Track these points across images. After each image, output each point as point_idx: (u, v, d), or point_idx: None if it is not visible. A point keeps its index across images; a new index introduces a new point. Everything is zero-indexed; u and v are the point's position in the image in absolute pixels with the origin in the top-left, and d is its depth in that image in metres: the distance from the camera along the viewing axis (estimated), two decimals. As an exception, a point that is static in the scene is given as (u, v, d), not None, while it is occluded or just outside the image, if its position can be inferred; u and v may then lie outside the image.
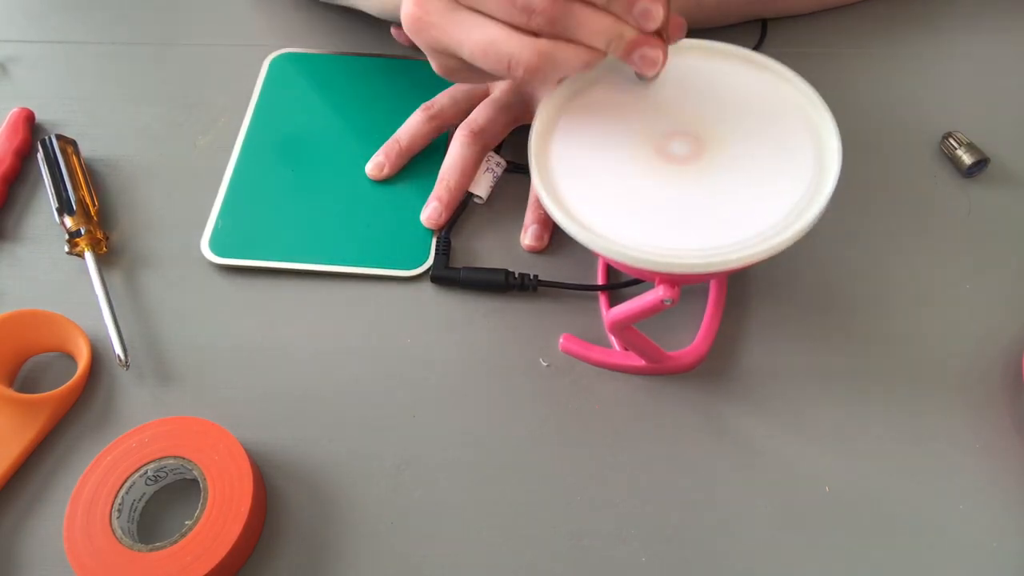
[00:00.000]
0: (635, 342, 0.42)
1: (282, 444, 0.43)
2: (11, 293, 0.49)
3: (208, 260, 0.49)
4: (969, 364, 0.45)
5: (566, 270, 0.49)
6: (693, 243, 0.36)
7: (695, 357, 0.45)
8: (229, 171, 0.53)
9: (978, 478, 0.41)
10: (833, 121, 0.38)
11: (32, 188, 0.53)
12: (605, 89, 0.41)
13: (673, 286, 0.37)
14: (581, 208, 0.37)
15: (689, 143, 0.39)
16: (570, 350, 0.45)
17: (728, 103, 0.40)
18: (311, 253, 0.49)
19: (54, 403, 0.43)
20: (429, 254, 0.49)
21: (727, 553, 0.40)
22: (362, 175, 0.52)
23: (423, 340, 0.46)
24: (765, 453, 0.42)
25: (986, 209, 0.50)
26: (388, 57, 0.59)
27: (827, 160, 0.38)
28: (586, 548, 0.40)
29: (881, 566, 0.39)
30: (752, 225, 0.36)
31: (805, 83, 0.40)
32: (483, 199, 0.51)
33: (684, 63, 0.42)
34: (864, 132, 0.54)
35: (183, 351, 0.46)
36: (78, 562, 0.37)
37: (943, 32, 0.59)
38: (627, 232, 0.36)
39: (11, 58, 0.60)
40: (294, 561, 0.40)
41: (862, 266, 0.48)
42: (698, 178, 0.38)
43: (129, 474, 0.40)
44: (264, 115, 0.56)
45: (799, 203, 0.36)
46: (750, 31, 0.59)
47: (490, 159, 0.51)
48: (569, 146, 0.40)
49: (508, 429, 0.43)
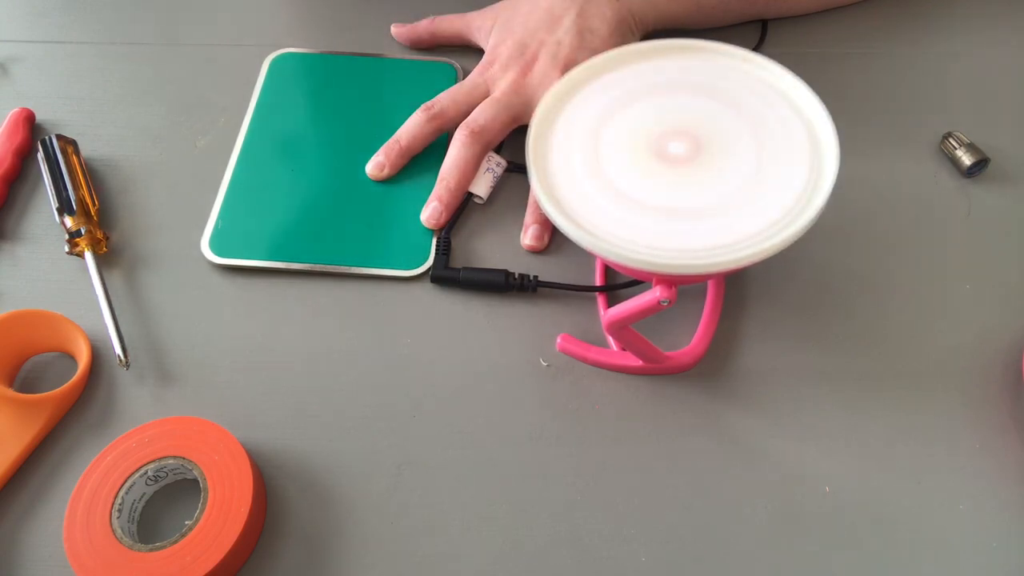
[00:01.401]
0: (633, 342, 0.42)
1: (282, 444, 0.43)
2: (11, 293, 0.49)
3: (208, 260, 0.49)
4: (969, 364, 0.45)
5: (566, 270, 0.49)
6: (690, 244, 0.36)
7: (693, 357, 0.45)
8: (229, 171, 0.53)
9: (978, 478, 0.41)
10: (831, 122, 0.38)
11: (32, 188, 0.53)
12: (603, 90, 0.42)
13: (670, 287, 0.37)
14: (579, 209, 0.37)
15: (687, 144, 0.39)
16: (568, 350, 0.45)
17: (726, 104, 0.40)
18: (311, 253, 0.49)
19: (54, 403, 0.43)
20: (429, 254, 0.49)
21: (727, 553, 0.40)
22: (362, 175, 0.52)
23: (423, 340, 0.46)
24: (765, 453, 0.42)
25: (986, 209, 0.50)
26: (388, 57, 0.59)
27: (825, 160, 0.38)
28: (586, 548, 0.40)
29: (881, 566, 0.39)
30: (750, 225, 0.36)
31: (803, 84, 0.40)
32: (483, 199, 0.51)
33: (683, 64, 0.42)
34: (864, 132, 0.54)
35: (183, 351, 0.46)
36: (78, 562, 0.37)
37: (943, 32, 0.59)
38: (624, 233, 0.36)
39: (11, 58, 0.60)
40: (294, 561, 0.40)
41: (862, 266, 0.48)
42: (695, 179, 0.38)
43: (129, 474, 0.40)
44: (264, 115, 0.56)
45: (797, 203, 0.36)
46: (750, 31, 0.59)
47: (490, 159, 0.51)
48: (567, 147, 0.40)
49: (508, 429, 0.43)
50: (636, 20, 0.54)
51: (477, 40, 0.57)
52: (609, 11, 0.52)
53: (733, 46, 0.42)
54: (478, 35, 0.57)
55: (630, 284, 0.48)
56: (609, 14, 0.52)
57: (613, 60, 0.42)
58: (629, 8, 0.53)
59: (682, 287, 0.47)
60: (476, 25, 0.57)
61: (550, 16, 0.52)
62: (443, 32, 0.58)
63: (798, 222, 0.35)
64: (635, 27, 0.54)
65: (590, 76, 0.42)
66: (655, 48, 0.43)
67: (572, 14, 0.52)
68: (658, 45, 0.43)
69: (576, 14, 0.52)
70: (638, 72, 0.42)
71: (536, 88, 0.51)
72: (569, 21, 0.52)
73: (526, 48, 0.52)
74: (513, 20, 0.54)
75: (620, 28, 0.53)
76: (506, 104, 0.51)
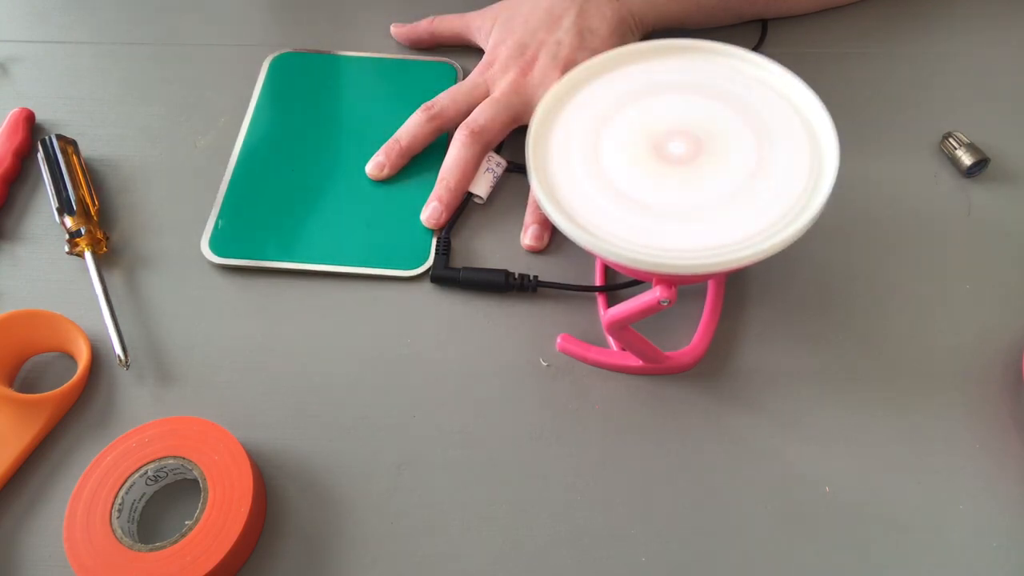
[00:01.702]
0: (633, 342, 0.42)
1: (282, 444, 0.43)
2: (11, 293, 0.49)
3: (208, 260, 0.49)
4: (969, 364, 0.45)
5: (566, 270, 0.49)
6: (690, 244, 0.36)
7: (693, 357, 0.45)
8: (229, 171, 0.53)
9: (978, 478, 0.41)
10: (831, 121, 0.38)
11: (32, 188, 0.53)
12: (603, 89, 0.42)
13: (670, 287, 0.37)
14: (579, 209, 0.37)
15: (687, 143, 0.39)
16: (567, 350, 0.45)
17: (726, 103, 0.40)
18: (311, 253, 0.49)
19: (54, 403, 0.43)
20: (429, 254, 0.49)
21: (727, 553, 0.40)
22: (362, 175, 0.52)
23: (423, 340, 0.46)
24: (764, 453, 0.42)
25: (986, 209, 0.50)
26: (388, 57, 0.59)
27: (825, 160, 0.38)
28: (586, 548, 0.40)
29: (881, 566, 0.39)
30: (750, 225, 0.36)
31: (803, 84, 0.40)
32: (483, 199, 0.51)
33: (683, 63, 0.42)
34: (864, 132, 0.54)
35: (183, 351, 0.46)
36: (78, 562, 0.37)
37: (943, 32, 0.59)
38: (624, 233, 0.36)
39: (11, 58, 0.60)
40: (294, 561, 0.40)
41: (862, 266, 0.48)
42: (695, 178, 0.38)
43: (129, 474, 0.40)
44: (264, 115, 0.56)
45: (797, 203, 0.36)
46: (750, 31, 0.59)
47: (490, 159, 0.51)
48: (567, 146, 0.40)
49: (508, 429, 0.43)
50: (636, 20, 0.54)
51: (477, 40, 0.57)
52: (609, 11, 0.52)
53: (733, 46, 0.42)
54: (478, 35, 0.57)
55: (630, 284, 0.48)
56: (609, 14, 0.52)
57: (613, 60, 0.42)
58: (629, 8, 0.53)
59: (682, 287, 0.47)
60: (476, 25, 0.57)
61: (550, 16, 0.52)
62: (443, 32, 0.58)
63: (798, 222, 0.35)
64: (635, 27, 0.54)
65: (590, 76, 0.42)
66: (655, 48, 0.43)
67: (572, 14, 0.52)
68: (658, 45, 0.43)
69: (576, 14, 0.52)
70: (638, 72, 0.42)
71: (536, 88, 0.51)
72: (569, 21, 0.52)
73: (526, 48, 0.52)
74: (513, 20, 0.54)
75: (620, 28, 0.53)
76: (506, 104, 0.51)
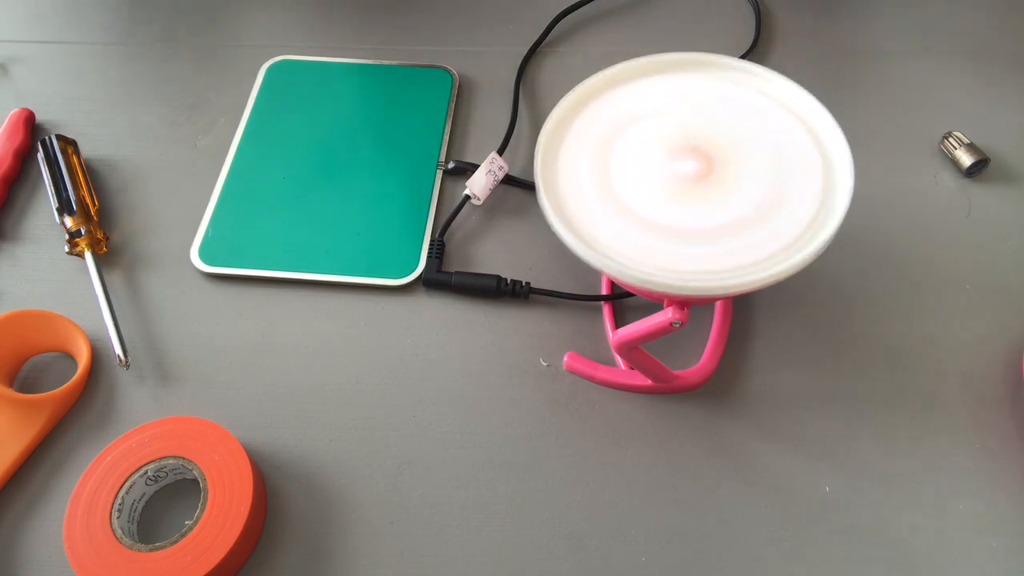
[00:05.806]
0: (642, 363, 0.41)
1: (282, 444, 0.43)
2: (11, 293, 0.49)
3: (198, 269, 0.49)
4: (969, 364, 0.45)
5: (559, 277, 0.49)
6: (704, 265, 0.35)
7: (702, 376, 0.44)
8: (221, 180, 0.52)
9: (978, 478, 0.41)
10: (844, 140, 0.38)
11: (32, 188, 0.53)
12: (613, 106, 0.41)
13: (682, 308, 0.36)
14: (589, 228, 0.37)
15: (698, 161, 0.38)
16: (574, 368, 0.44)
17: (736, 119, 0.40)
18: (301, 262, 0.49)
19: (54, 403, 0.43)
20: (419, 262, 0.49)
21: (727, 553, 0.40)
22: (354, 184, 0.52)
23: (422, 341, 0.46)
24: (765, 452, 0.42)
25: (986, 209, 0.50)
26: (384, 64, 0.59)
27: (838, 177, 0.37)
28: (586, 548, 0.40)
29: (880, 566, 0.39)
30: (764, 247, 0.35)
31: (812, 98, 0.39)
32: (480, 200, 0.51)
33: (691, 78, 0.41)
34: (864, 132, 0.54)
35: (183, 351, 0.46)
36: (78, 562, 0.37)
37: (943, 32, 0.59)
38: (635, 254, 0.36)
39: (11, 58, 0.60)
40: (294, 561, 0.40)
41: (861, 265, 0.48)
42: (708, 198, 0.37)
43: (129, 474, 0.40)
44: (258, 122, 0.55)
45: (812, 222, 0.36)
46: (747, 31, 0.59)
47: (493, 161, 0.51)
48: (575, 164, 0.39)
49: (508, 429, 0.43)
50: None
51: None
52: None
53: (742, 60, 0.41)
54: None
55: (627, 295, 0.47)
56: None
57: (619, 75, 0.42)
58: None
59: (691, 307, 0.46)
60: None
61: None
62: None
63: (814, 243, 0.35)
64: None
65: (597, 92, 0.41)
66: (661, 63, 0.42)
67: None
68: (664, 60, 0.42)
69: None
70: (645, 88, 0.41)
71: None
72: None
73: None
74: None
75: None
76: None
